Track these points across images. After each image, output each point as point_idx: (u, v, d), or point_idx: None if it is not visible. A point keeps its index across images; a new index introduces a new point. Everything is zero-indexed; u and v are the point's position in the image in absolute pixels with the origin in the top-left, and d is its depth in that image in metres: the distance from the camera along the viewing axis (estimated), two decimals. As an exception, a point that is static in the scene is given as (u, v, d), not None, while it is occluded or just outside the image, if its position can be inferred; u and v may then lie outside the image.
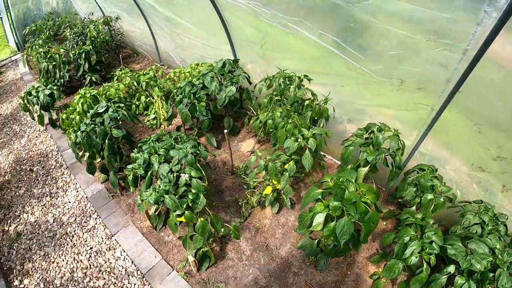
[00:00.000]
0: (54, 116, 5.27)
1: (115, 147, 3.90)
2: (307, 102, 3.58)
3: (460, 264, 2.72)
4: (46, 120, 5.29)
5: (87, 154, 3.94)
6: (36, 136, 5.64)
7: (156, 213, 3.68)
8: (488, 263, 2.70)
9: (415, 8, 2.25)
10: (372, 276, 3.37)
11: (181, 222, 3.60)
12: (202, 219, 2.89)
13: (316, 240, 3.39)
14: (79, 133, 3.75)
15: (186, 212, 2.80)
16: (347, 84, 3.46)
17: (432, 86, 2.78)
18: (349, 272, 3.43)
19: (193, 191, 2.92)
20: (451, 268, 2.80)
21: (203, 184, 3.05)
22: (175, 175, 3.06)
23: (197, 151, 3.22)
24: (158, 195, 2.78)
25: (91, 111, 3.97)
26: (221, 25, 4.33)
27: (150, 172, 3.23)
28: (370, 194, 2.95)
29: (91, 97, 4.45)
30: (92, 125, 3.76)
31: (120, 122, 3.99)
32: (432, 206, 3.16)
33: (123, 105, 4.15)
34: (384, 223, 3.88)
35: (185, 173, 3.02)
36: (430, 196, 3.16)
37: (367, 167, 3.31)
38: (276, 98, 3.91)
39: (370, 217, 2.87)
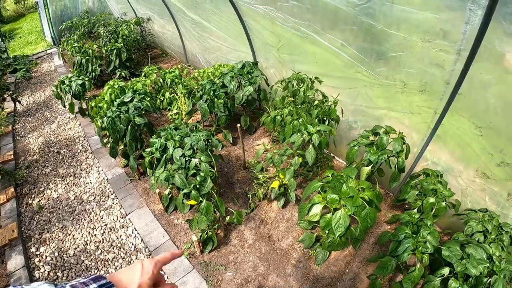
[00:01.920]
0: (84, 106, 5.75)
1: (136, 134, 4.23)
2: (316, 102, 3.75)
3: (454, 267, 2.73)
4: (76, 109, 5.77)
5: (111, 139, 4.30)
6: (66, 123, 6.12)
7: (169, 196, 3.93)
8: (484, 268, 2.69)
9: (408, 10, 2.40)
10: (369, 276, 3.40)
11: (191, 207, 3.85)
12: (206, 200, 3.10)
13: (315, 234, 3.49)
14: (105, 118, 4.12)
15: (193, 191, 3.02)
16: (354, 87, 3.62)
17: (433, 88, 2.87)
18: (347, 270, 3.48)
19: (202, 174, 3.15)
20: (445, 270, 2.82)
21: (212, 169, 3.28)
22: (187, 159, 3.31)
23: (210, 139, 3.46)
24: (168, 173, 3.03)
25: (118, 100, 4.35)
26: (242, 29, 4.65)
27: (165, 155, 3.49)
28: (369, 191, 3.05)
29: (119, 88, 4.86)
30: (118, 112, 4.12)
31: (144, 113, 4.33)
32: (434, 210, 3.19)
33: (148, 97, 4.51)
34: (389, 226, 3.91)
35: (196, 158, 3.26)
36: (431, 200, 3.21)
37: (370, 167, 3.40)
38: (290, 99, 4.11)
39: (367, 213, 2.96)
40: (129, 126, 4.10)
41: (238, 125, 4.03)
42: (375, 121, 3.74)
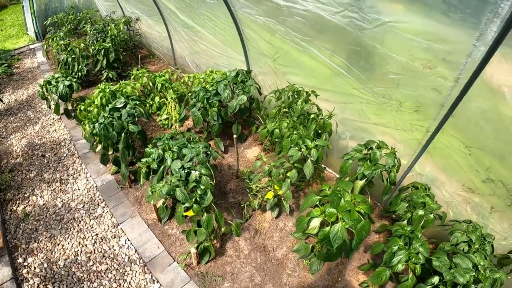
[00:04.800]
0: (70, 107, 5.54)
1: (129, 141, 4.15)
2: (312, 115, 3.85)
3: (444, 276, 2.90)
4: (62, 110, 5.56)
5: (100, 145, 4.18)
6: (50, 124, 5.88)
7: (164, 206, 3.89)
8: (471, 277, 2.89)
9: (416, 39, 2.53)
10: (361, 285, 3.55)
11: (186, 216, 3.82)
12: (207, 214, 3.10)
13: (311, 245, 3.59)
14: (97, 124, 4.01)
15: (194, 205, 3.02)
16: (351, 102, 3.74)
17: (428, 109, 3.04)
18: (339, 279, 3.61)
19: (202, 187, 3.15)
20: (435, 279, 2.99)
21: (211, 182, 3.28)
22: (186, 171, 3.29)
23: (208, 151, 3.46)
24: (170, 187, 3.01)
25: (110, 106, 4.24)
26: (237, 37, 4.66)
27: (163, 167, 3.46)
28: (364, 204, 3.18)
29: (110, 93, 4.73)
30: (110, 119, 4.02)
31: (137, 119, 4.25)
32: (422, 222, 3.38)
33: (139, 102, 4.42)
34: (377, 236, 4.08)
35: (195, 170, 3.26)
36: (420, 212, 3.39)
37: (363, 180, 3.54)
38: (284, 110, 4.18)
39: (363, 226, 3.09)
40: (123, 134, 4.00)
41: (235, 136, 4.05)
42: (368, 135, 3.88)
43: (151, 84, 5.51)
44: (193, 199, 3.05)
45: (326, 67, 3.58)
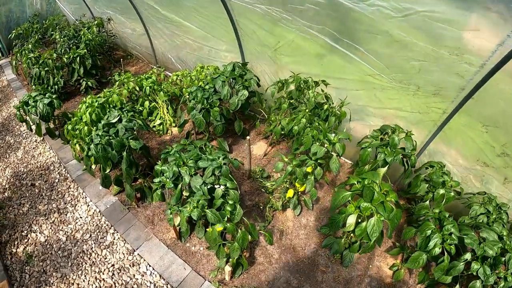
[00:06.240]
0: (52, 125, 4.97)
1: (131, 159, 3.79)
2: (325, 106, 3.73)
3: (476, 251, 3.01)
4: (44, 130, 4.98)
5: (94, 166, 3.77)
6: (34, 148, 5.30)
7: (179, 224, 3.66)
8: (498, 248, 3.02)
9: (447, 28, 2.47)
10: (392, 268, 3.64)
11: (205, 230, 3.63)
12: (242, 229, 2.95)
13: (342, 239, 3.58)
14: (92, 145, 3.60)
15: (228, 224, 2.84)
16: (363, 89, 3.66)
17: (447, 92, 3.05)
18: (370, 266, 3.66)
19: (230, 202, 2.97)
20: (468, 256, 3.10)
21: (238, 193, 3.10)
22: (208, 187, 3.08)
23: (229, 161, 3.25)
24: (199, 211, 2.79)
25: (103, 121, 3.81)
26: (231, 28, 4.34)
27: (180, 185, 3.20)
28: (392, 193, 3.18)
29: (99, 106, 4.25)
30: (107, 137, 3.62)
31: (135, 132, 3.87)
32: (444, 200, 3.48)
33: (133, 112, 4.02)
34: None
35: (219, 185, 3.05)
36: (442, 191, 3.48)
37: (386, 167, 3.54)
38: (291, 101, 4.02)
39: (395, 215, 3.11)
40: (124, 152, 3.64)
41: (248, 137, 3.84)
42: (377, 119, 3.86)
43: (137, 89, 5.03)
44: (225, 218, 2.86)
45: (337, 55, 3.45)
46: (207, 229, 3.08)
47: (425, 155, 3.87)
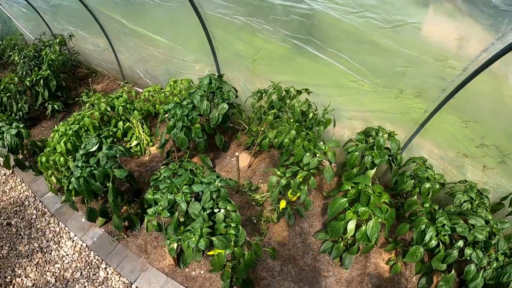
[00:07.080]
0: (20, 156, 4.57)
1: (117, 188, 3.58)
2: (310, 115, 3.75)
3: (467, 238, 3.19)
4: (12, 162, 4.57)
5: (74, 197, 3.52)
6: (3, 182, 4.87)
7: (178, 251, 3.53)
8: (487, 232, 3.23)
9: (433, 37, 2.56)
10: (388, 262, 3.79)
11: (203, 252, 3.54)
12: (248, 251, 2.91)
13: (340, 243, 3.65)
14: (73, 179, 3.36)
15: (236, 249, 2.78)
16: (346, 94, 3.72)
17: (428, 93, 3.18)
18: (368, 263, 3.78)
19: (233, 224, 2.91)
20: (460, 243, 3.28)
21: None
22: (208, 212, 2.99)
23: (224, 183, 3.17)
24: (206, 240, 2.70)
25: (81, 151, 3.55)
26: (205, 40, 4.20)
27: (176, 213, 3.08)
28: (385, 194, 3.29)
29: (73, 134, 3.95)
30: (89, 168, 3.38)
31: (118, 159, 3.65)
32: (430, 193, 3.66)
33: (113, 138, 3.79)
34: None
35: (219, 208, 2.98)
36: (428, 185, 3.65)
37: (374, 169, 3.65)
38: (273, 111, 3.98)
39: (390, 214, 3.23)
40: (109, 183, 3.42)
41: (237, 153, 3.78)
42: (361, 121, 3.96)
43: (109, 109, 4.73)
44: (233, 242, 2.80)
45: (321, 64, 3.47)
46: (209, 253, 3.00)
47: (407, 151, 4.03)
